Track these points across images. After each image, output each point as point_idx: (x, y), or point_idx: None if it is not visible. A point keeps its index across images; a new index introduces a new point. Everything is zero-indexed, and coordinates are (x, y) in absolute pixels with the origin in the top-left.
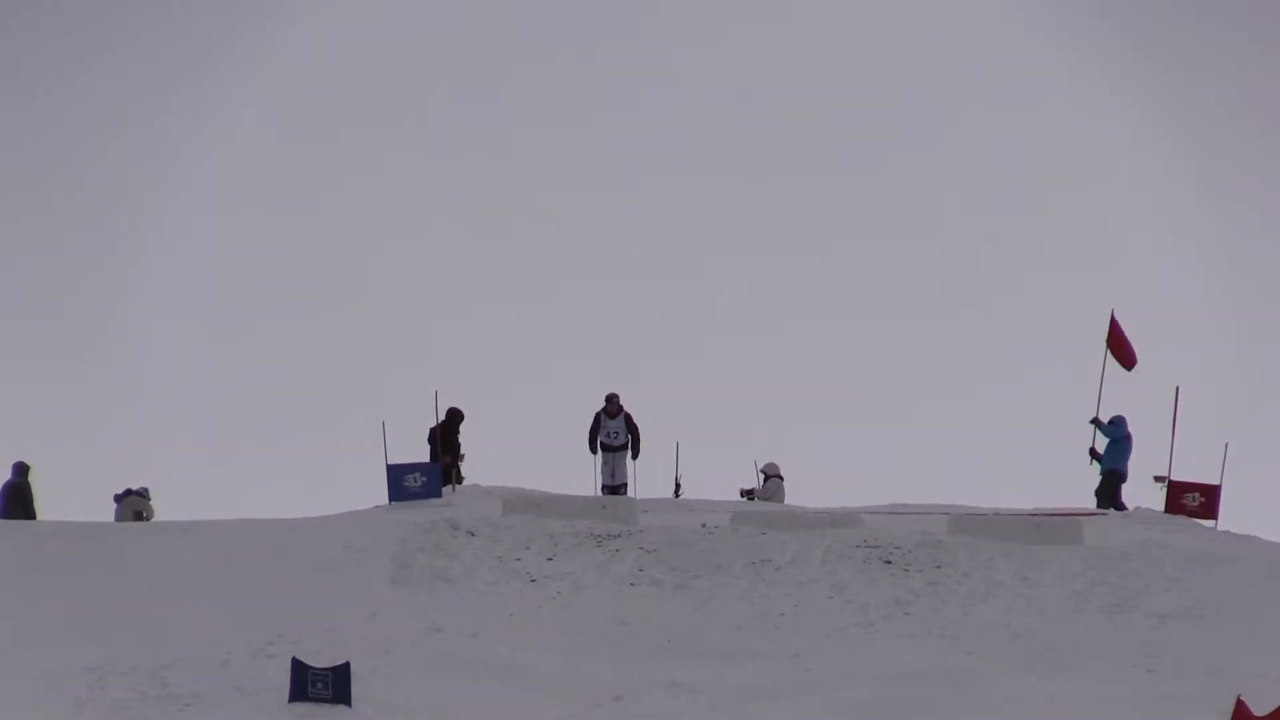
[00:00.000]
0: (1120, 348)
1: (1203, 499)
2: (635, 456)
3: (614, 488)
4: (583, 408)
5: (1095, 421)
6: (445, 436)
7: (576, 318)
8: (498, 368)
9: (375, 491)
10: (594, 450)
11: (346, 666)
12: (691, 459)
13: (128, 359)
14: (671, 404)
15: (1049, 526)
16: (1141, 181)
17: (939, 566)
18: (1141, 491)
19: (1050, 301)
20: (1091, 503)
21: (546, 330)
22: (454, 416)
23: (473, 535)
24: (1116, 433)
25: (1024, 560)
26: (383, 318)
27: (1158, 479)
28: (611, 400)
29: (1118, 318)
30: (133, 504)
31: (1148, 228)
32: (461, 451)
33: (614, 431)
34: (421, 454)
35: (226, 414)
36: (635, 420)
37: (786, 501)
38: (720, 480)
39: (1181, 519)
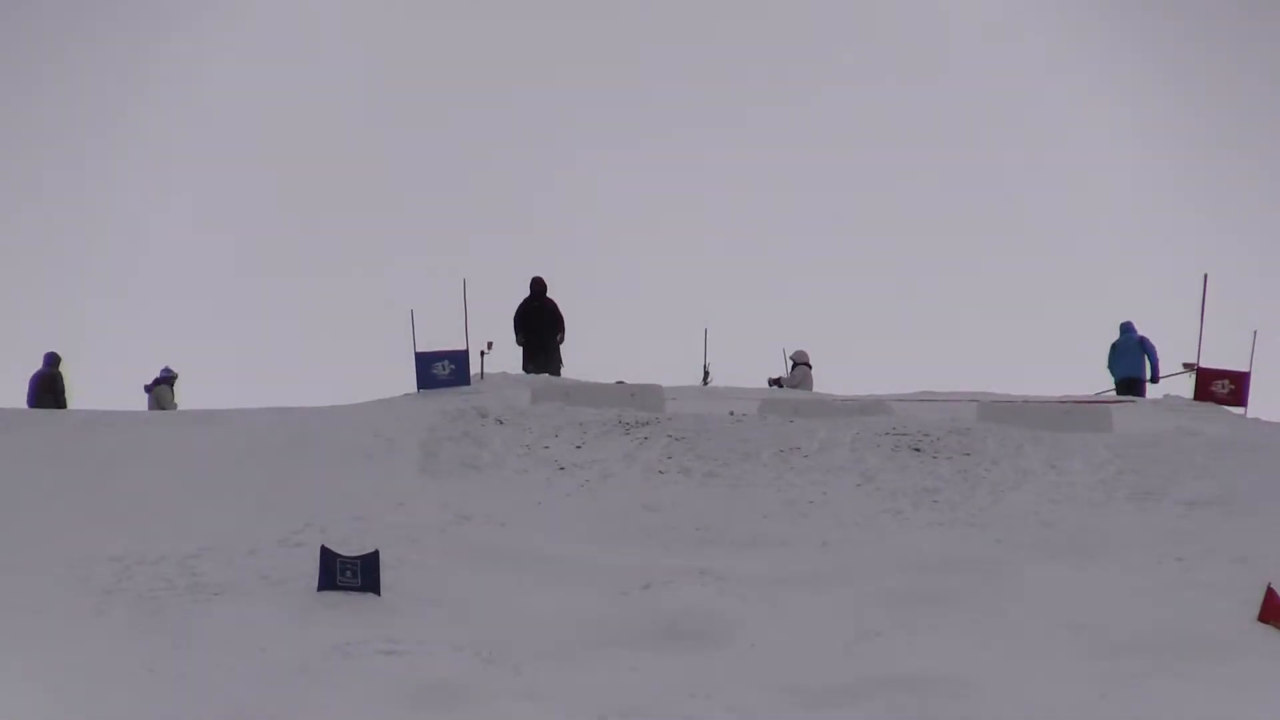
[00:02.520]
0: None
1: (1232, 386)
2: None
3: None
4: (607, 294)
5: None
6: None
7: (601, 204)
8: (521, 251)
9: (403, 379)
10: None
11: (375, 555)
12: (719, 346)
13: (156, 247)
14: (699, 291)
15: (1078, 414)
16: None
17: (968, 454)
18: (1170, 379)
19: (1079, 193)
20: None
21: (572, 214)
22: (537, 286)
23: (501, 423)
24: (1129, 341)
25: (1052, 448)
26: (410, 205)
27: (1186, 366)
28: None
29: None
30: (158, 395)
31: (1178, 111)
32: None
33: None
34: (445, 341)
35: (255, 302)
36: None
37: (815, 389)
38: (748, 368)
39: (1210, 406)
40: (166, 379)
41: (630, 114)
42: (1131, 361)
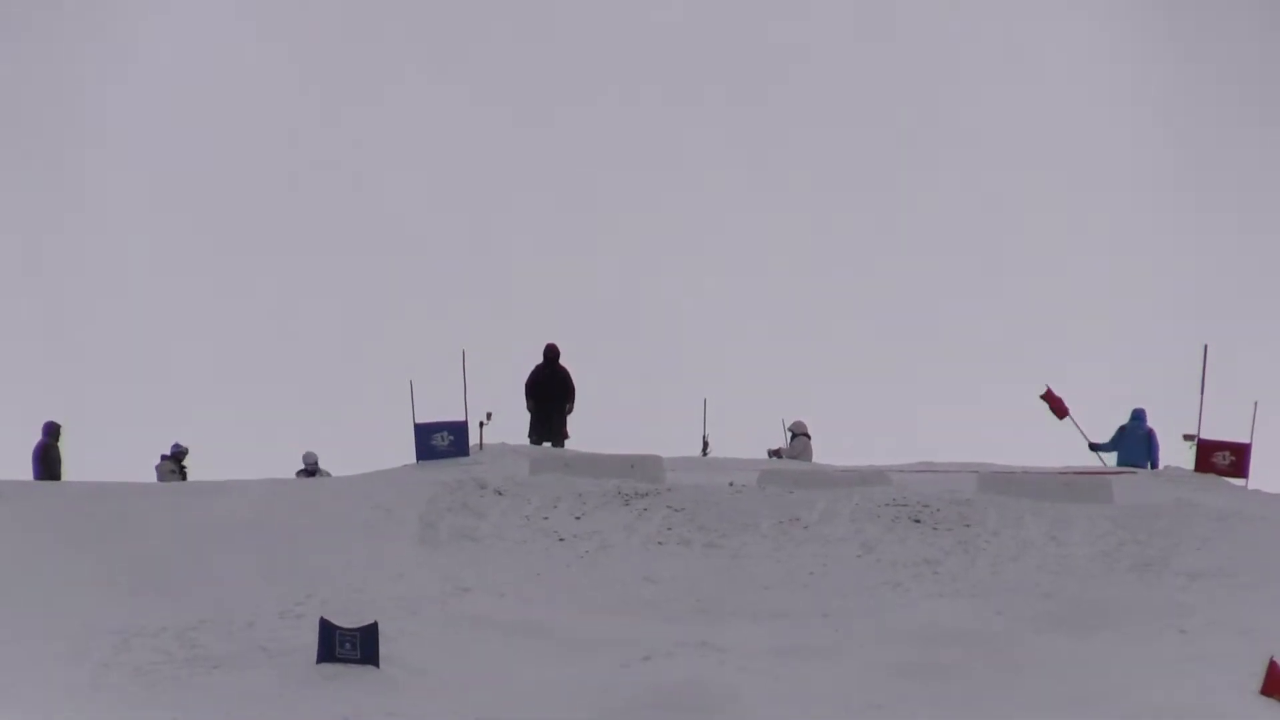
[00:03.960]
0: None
1: (1233, 458)
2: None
3: None
4: (609, 364)
5: (1094, 447)
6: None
7: (601, 275)
8: (521, 322)
9: (403, 450)
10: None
11: (374, 627)
12: (719, 417)
13: (156, 318)
14: (698, 361)
15: (1078, 485)
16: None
17: (968, 525)
18: (1171, 450)
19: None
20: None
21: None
22: (550, 353)
23: (500, 494)
24: (1138, 430)
25: (1053, 519)
26: (409, 276)
27: (1187, 437)
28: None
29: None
30: (160, 471)
31: (1179, 181)
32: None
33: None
34: (444, 412)
35: (253, 374)
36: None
37: (814, 460)
38: (748, 438)
39: (1211, 478)
40: (174, 455)
41: (630, 185)
42: (1136, 451)
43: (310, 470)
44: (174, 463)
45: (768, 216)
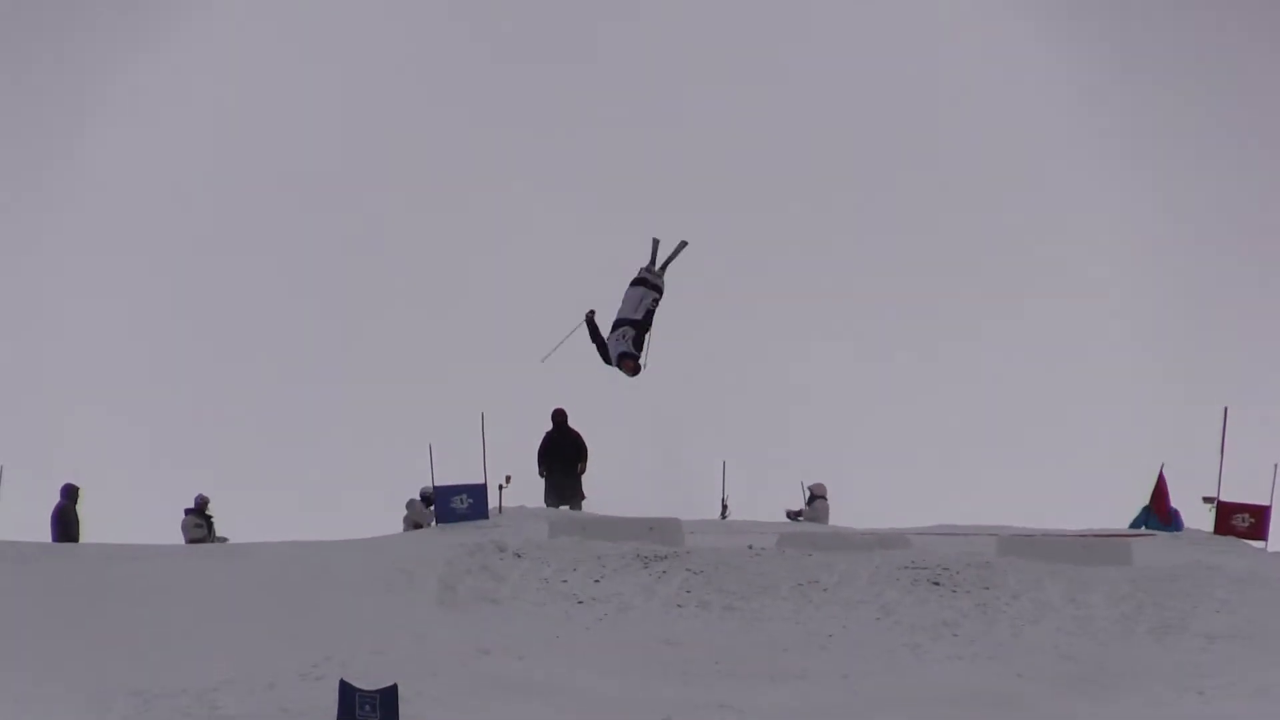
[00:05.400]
0: (1160, 502)
1: (1252, 520)
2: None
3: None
4: (628, 426)
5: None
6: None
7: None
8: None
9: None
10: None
11: (394, 689)
12: (737, 480)
13: (173, 380)
14: (716, 424)
15: (1098, 547)
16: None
17: (987, 588)
18: (1191, 513)
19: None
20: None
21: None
22: (558, 417)
23: (519, 557)
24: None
25: (1073, 581)
26: (427, 339)
27: (1206, 500)
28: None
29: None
30: (188, 524)
31: (1197, 244)
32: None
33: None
34: (463, 475)
35: (271, 436)
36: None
37: (832, 522)
38: (767, 501)
39: (1231, 540)
40: (198, 507)
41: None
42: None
43: (426, 499)
44: (198, 515)
45: (780, 278)
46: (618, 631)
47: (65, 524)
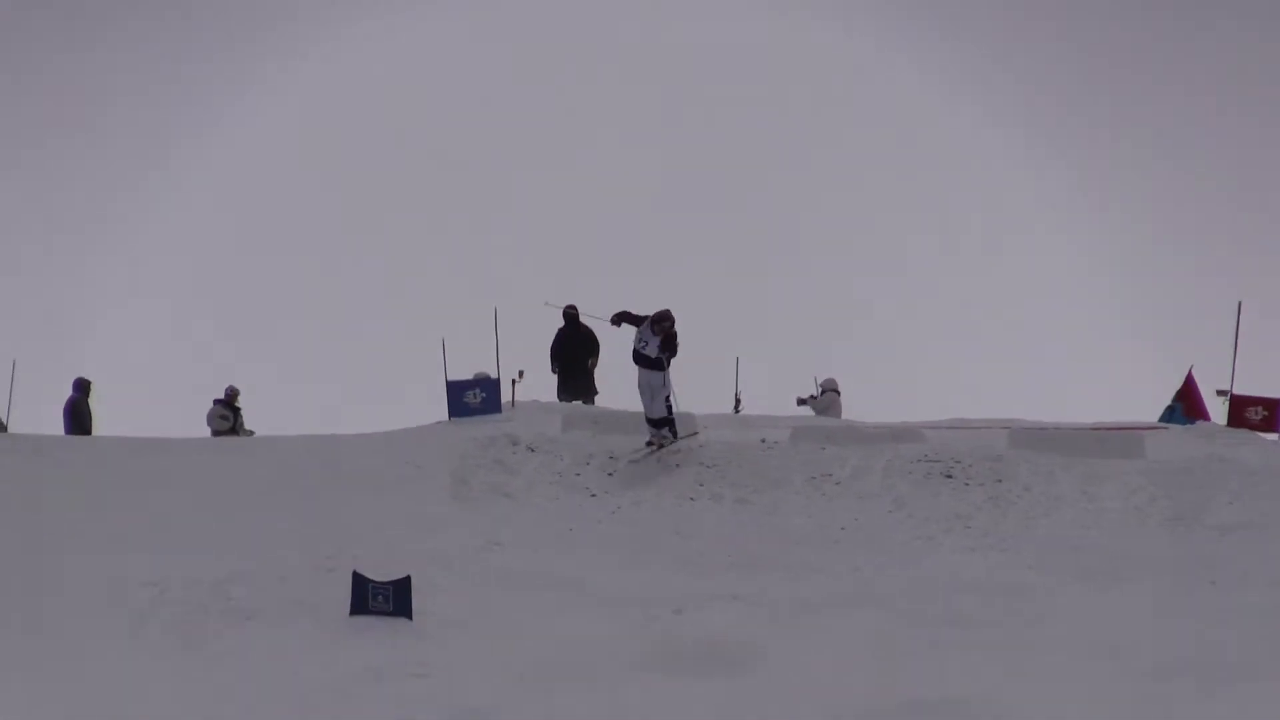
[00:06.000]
0: (1192, 400)
1: (1265, 412)
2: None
3: (651, 420)
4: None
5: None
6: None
7: (632, 231)
8: (553, 279)
9: (436, 407)
10: (613, 321)
11: (407, 581)
12: (751, 375)
13: (191, 274)
14: (731, 319)
15: (1110, 440)
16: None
17: (1000, 481)
18: (1207, 407)
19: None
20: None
21: (598, 247)
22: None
23: (532, 451)
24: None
25: (1085, 474)
26: (442, 233)
27: (1220, 393)
28: (660, 322)
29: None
30: (214, 414)
31: (1214, 140)
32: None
33: (644, 340)
34: (476, 369)
35: (288, 331)
36: (674, 340)
37: (845, 416)
38: (780, 396)
39: (1244, 432)
40: (227, 398)
41: (662, 142)
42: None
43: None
44: (226, 406)
45: (795, 174)
46: (630, 525)
47: (78, 417)
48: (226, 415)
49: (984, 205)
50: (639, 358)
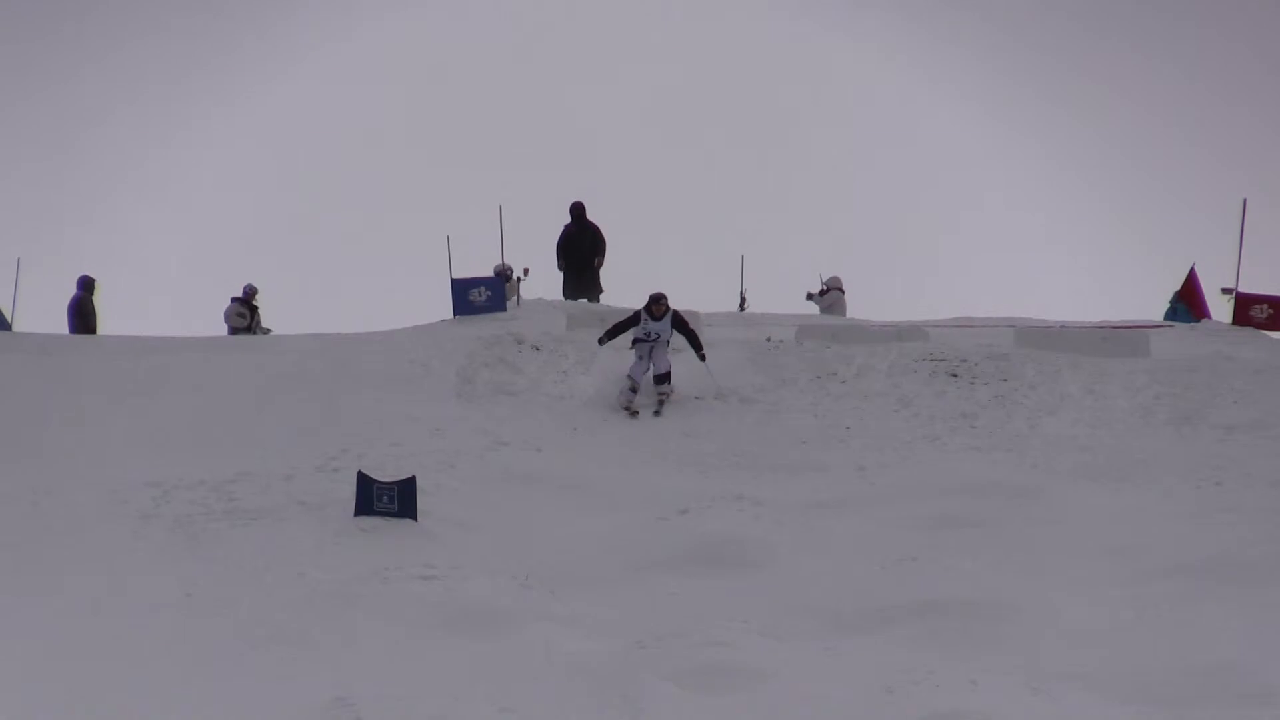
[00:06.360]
0: (1194, 298)
1: (1270, 311)
2: (703, 357)
3: (660, 376)
4: (646, 220)
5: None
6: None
7: (640, 131)
8: (559, 177)
9: (440, 306)
10: (602, 341)
11: (412, 480)
12: (757, 273)
13: (200, 173)
14: (737, 218)
15: (1116, 339)
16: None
17: (1005, 379)
18: (1209, 304)
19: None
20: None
21: (610, 140)
22: (577, 210)
23: (537, 350)
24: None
25: (1091, 373)
26: (448, 133)
27: (1225, 291)
28: (658, 302)
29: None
30: (231, 312)
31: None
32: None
33: (654, 332)
34: (481, 267)
35: (293, 230)
36: (687, 320)
37: (850, 315)
38: (785, 295)
39: (1249, 331)
40: (245, 296)
41: (669, 41)
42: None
43: (503, 274)
44: (244, 304)
45: (800, 71)
46: (635, 424)
47: (82, 315)
48: (244, 313)
49: (991, 104)
50: (645, 339)
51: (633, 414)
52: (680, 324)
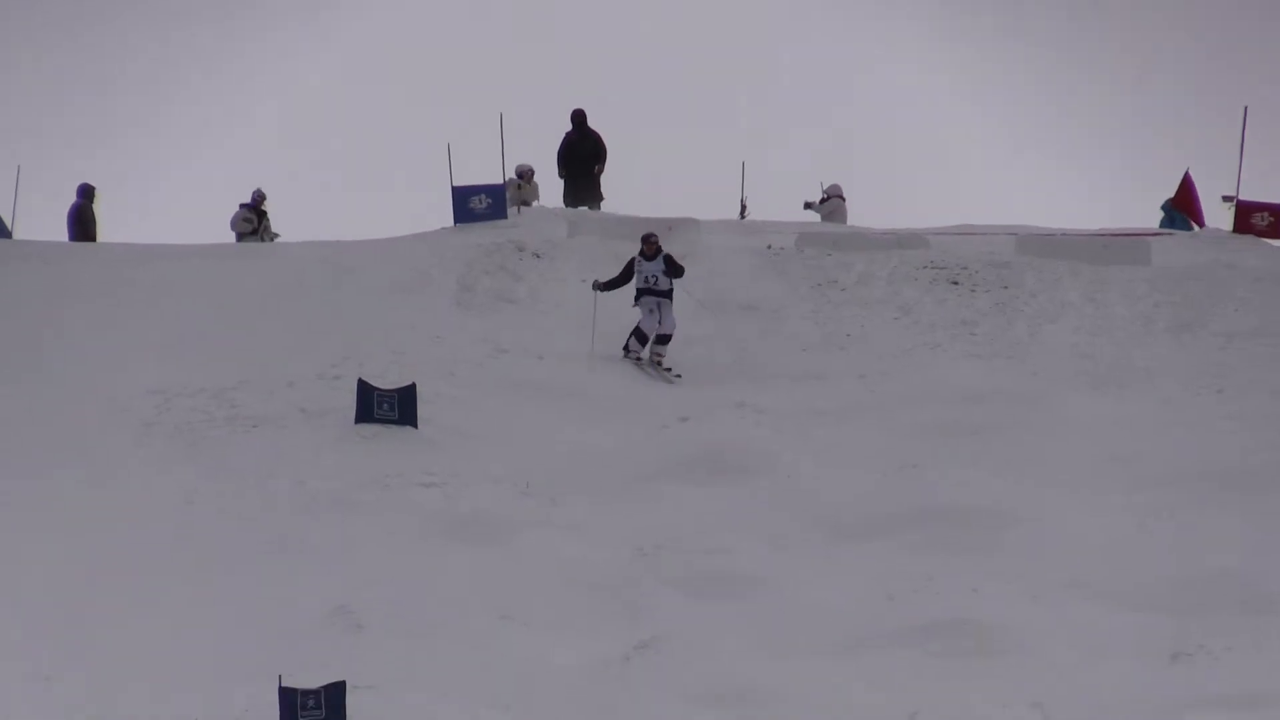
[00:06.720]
0: (1189, 201)
1: (1271, 219)
2: (679, 274)
3: (664, 336)
4: (646, 127)
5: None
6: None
7: (639, 36)
8: (559, 85)
9: (440, 213)
10: (596, 287)
11: (412, 388)
12: (757, 181)
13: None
14: (737, 124)
15: (1116, 247)
16: None
17: (1006, 287)
18: (1210, 213)
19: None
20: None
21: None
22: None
23: (538, 257)
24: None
25: (1091, 281)
26: (448, 39)
27: (1226, 199)
28: (648, 241)
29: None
30: (238, 218)
31: None
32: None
33: (652, 275)
34: (481, 176)
35: (293, 136)
36: (677, 260)
37: (850, 223)
38: (786, 202)
39: (1250, 239)
40: (253, 203)
41: None
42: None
43: (527, 174)
44: (252, 210)
45: None
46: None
47: (82, 223)
48: (250, 219)
49: (990, 8)
50: (650, 291)
51: (636, 360)
52: (671, 265)
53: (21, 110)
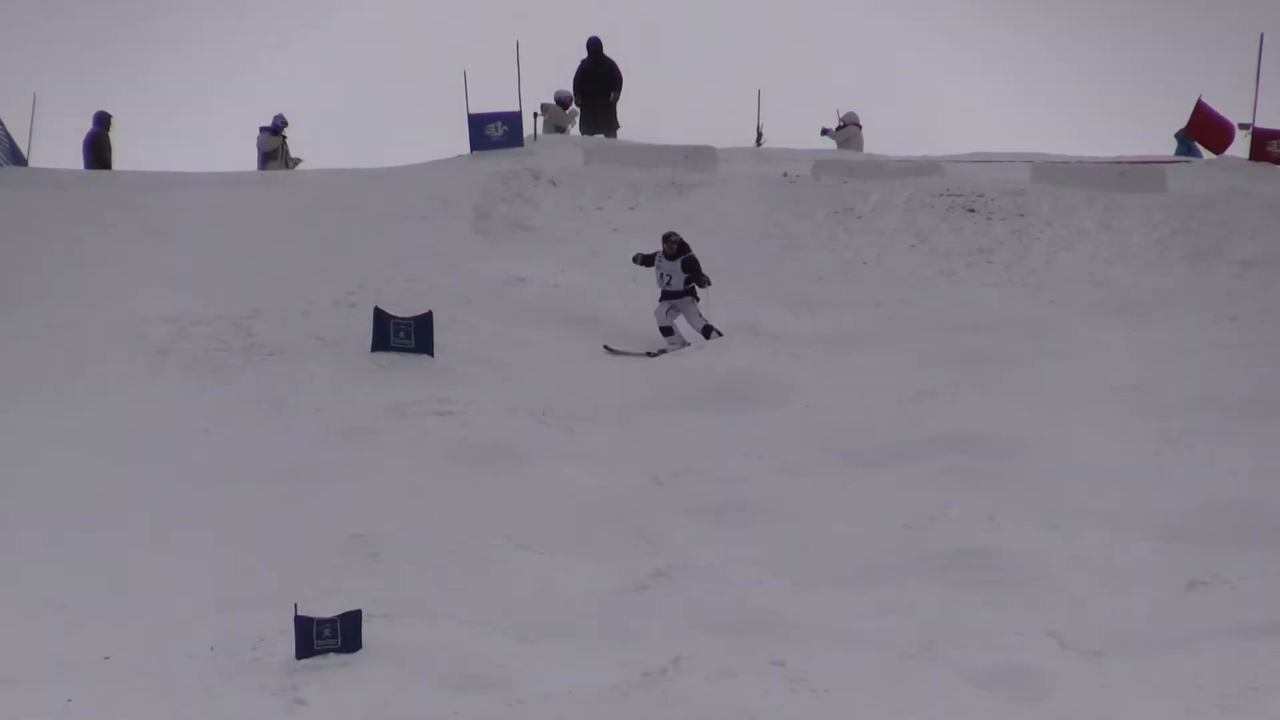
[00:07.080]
0: (1207, 130)
1: None
2: (704, 284)
3: (667, 328)
4: (661, 55)
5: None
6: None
7: None
8: (575, 11)
9: (456, 141)
10: (637, 262)
11: (429, 316)
12: (773, 108)
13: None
14: (752, 52)
15: (1132, 174)
16: None
17: (1022, 215)
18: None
19: None
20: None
21: None
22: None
23: (554, 185)
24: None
25: (1107, 208)
26: None
27: (1242, 126)
28: (668, 240)
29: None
30: (263, 140)
31: None
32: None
33: (667, 275)
34: (497, 103)
35: (307, 62)
36: (700, 267)
37: (866, 150)
38: (802, 130)
39: (1266, 166)
40: (274, 128)
41: None
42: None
43: (564, 101)
44: (273, 134)
45: None
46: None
47: (98, 150)
48: (274, 141)
49: None
50: (666, 293)
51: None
52: (691, 268)
53: (38, 37)
